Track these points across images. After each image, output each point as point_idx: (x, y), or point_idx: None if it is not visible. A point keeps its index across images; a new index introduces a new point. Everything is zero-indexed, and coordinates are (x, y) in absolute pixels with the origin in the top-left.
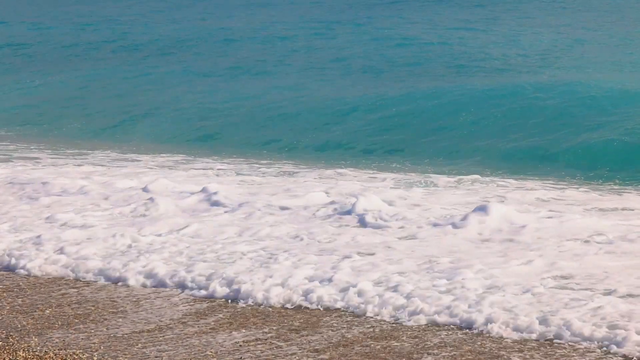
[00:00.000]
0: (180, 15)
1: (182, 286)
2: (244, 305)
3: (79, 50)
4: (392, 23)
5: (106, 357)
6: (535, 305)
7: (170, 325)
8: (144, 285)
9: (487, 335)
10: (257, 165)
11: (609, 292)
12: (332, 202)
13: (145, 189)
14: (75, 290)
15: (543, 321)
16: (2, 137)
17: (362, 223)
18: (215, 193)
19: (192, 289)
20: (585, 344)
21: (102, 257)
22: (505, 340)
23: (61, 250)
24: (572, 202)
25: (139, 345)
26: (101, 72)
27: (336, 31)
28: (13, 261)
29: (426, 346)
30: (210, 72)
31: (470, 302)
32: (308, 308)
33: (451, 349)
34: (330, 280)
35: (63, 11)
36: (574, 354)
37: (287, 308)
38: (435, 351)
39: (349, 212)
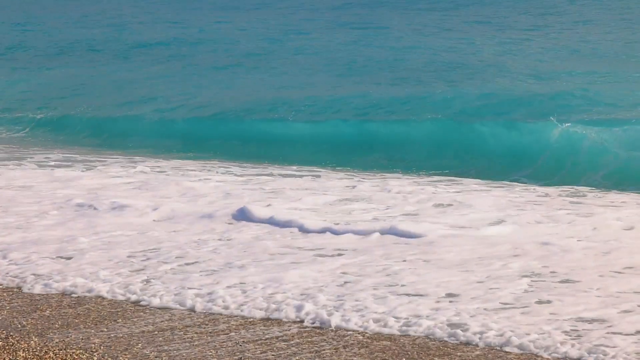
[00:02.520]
0: (180, 16)
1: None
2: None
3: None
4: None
5: (106, 357)
6: None
7: (170, 326)
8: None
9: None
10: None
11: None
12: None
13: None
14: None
15: None
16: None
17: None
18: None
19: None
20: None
21: None
22: None
23: None
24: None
25: (139, 345)
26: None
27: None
28: None
29: (426, 346)
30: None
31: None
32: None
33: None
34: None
35: (63, 11)
36: None
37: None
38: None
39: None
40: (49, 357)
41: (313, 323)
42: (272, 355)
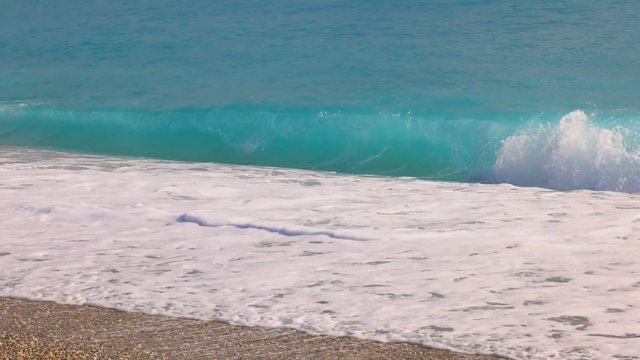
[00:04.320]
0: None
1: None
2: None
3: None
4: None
5: (106, 357)
6: None
7: (170, 326)
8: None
9: None
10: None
11: None
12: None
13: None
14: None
15: None
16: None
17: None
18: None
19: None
20: None
21: None
22: None
23: None
24: None
25: (139, 345)
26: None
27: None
28: None
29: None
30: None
31: None
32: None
33: None
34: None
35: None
36: None
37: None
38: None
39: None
40: (49, 357)
41: (313, 324)
42: (272, 355)
